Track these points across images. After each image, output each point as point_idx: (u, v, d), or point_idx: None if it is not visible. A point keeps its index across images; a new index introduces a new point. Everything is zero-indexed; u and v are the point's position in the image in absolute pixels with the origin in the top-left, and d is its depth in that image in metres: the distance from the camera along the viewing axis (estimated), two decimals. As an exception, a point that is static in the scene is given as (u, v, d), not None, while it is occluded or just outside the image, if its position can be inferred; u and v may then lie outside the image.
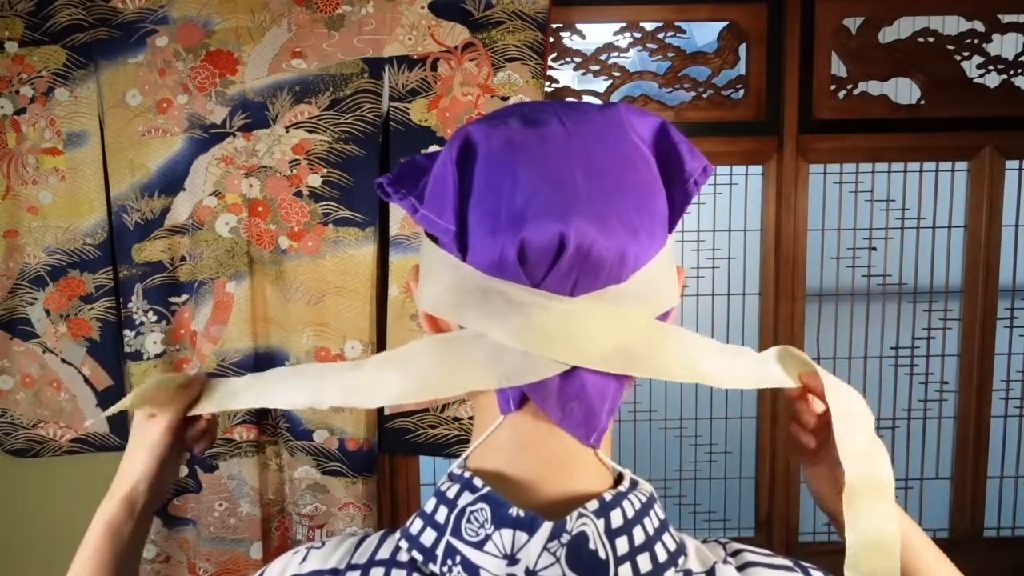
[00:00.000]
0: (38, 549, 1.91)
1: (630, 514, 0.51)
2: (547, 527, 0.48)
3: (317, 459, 1.81)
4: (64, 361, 1.80)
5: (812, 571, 0.54)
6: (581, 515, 0.49)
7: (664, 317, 0.55)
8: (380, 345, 1.82)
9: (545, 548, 0.48)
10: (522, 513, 0.49)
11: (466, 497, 0.51)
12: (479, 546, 0.49)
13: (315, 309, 1.77)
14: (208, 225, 1.76)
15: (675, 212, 0.55)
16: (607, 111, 0.55)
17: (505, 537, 0.48)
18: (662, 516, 0.53)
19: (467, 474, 0.52)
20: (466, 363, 0.53)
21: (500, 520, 0.49)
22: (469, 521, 0.50)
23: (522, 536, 0.48)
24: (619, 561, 0.49)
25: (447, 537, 0.50)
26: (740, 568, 0.52)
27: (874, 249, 1.99)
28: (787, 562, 0.54)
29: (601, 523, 0.50)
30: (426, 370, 0.55)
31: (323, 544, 0.55)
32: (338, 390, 0.61)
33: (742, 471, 2.05)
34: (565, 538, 0.48)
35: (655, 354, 0.54)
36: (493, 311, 0.52)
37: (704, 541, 0.56)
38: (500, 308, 0.52)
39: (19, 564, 1.92)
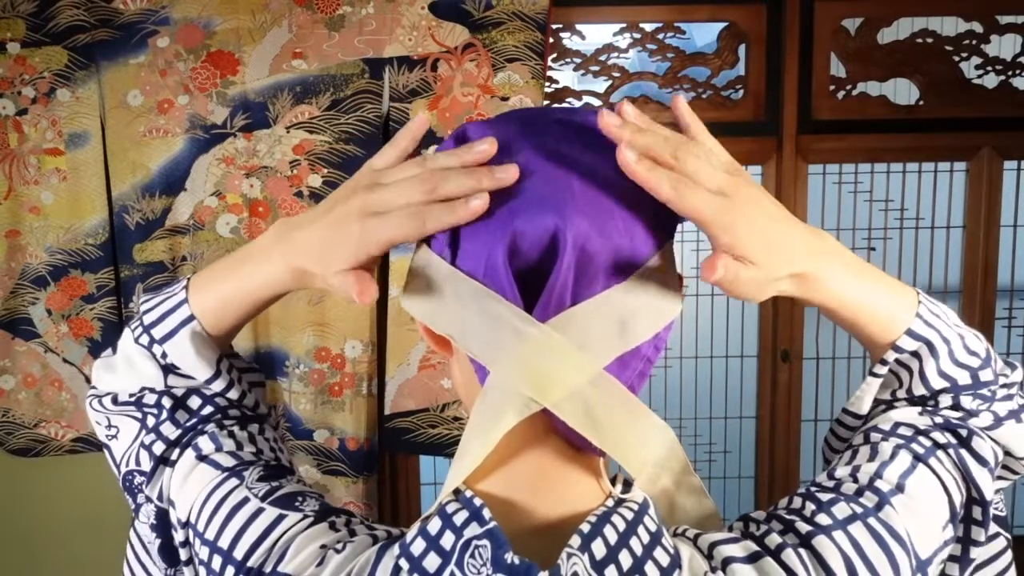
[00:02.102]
0: (39, 549, 1.92)
1: (613, 539, 0.50)
2: None
3: (318, 459, 1.81)
4: (65, 361, 1.81)
5: (773, 544, 0.53)
6: (570, 555, 0.49)
7: (666, 330, 0.55)
8: (380, 345, 1.82)
9: None
10: (517, 560, 0.48)
11: (473, 528, 0.50)
12: None
13: (316, 309, 1.77)
14: (209, 225, 1.77)
15: (673, 216, 0.54)
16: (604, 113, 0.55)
17: None
18: (654, 528, 0.52)
19: (477, 501, 0.51)
20: (498, 411, 0.52)
21: (497, 564, 0.48)
22: (473, 556, 0.49)
23: None
24: None
25: (451, 567, 0.49)
26: (723, 569, 0.51)
27: (873, 249, 2.00)
28: (754, 547, 0.52)
29: (586, 558, 0.49)
30: (466, 448, 0.53)
31: (344, 547, 0.53)
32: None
33: (742, 471, 2.05)
34: None
35: (606, 412, 0.52)
36: (465, 319, 0.51)
37: (675, 534, 0.55)
38: (474, 319, 0.51)
39: (19, 563, 1.93)
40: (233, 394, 0.66)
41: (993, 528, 0.60)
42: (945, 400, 0.61)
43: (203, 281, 0.64)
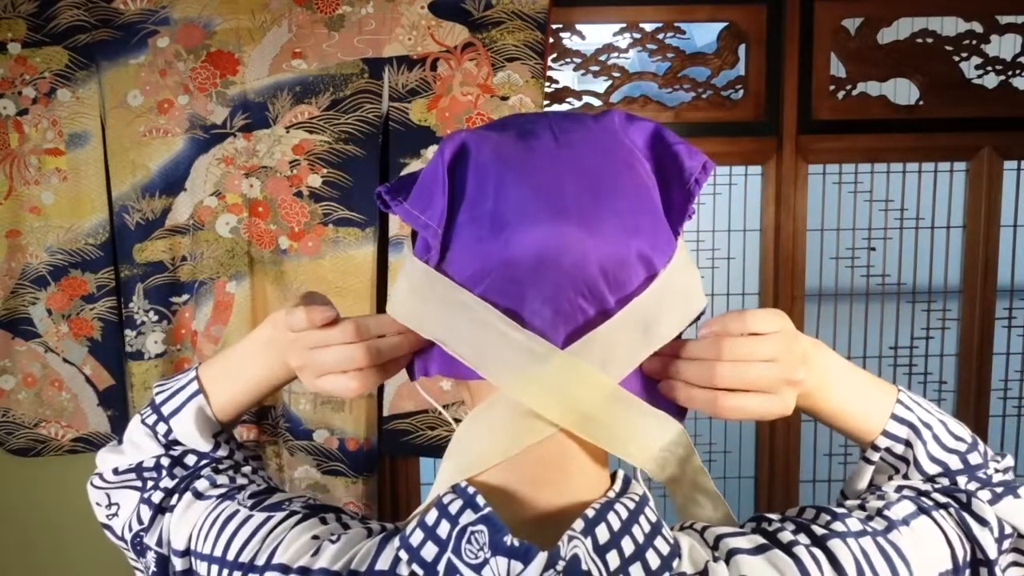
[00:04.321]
0: (39, 549, 1.92)
1: (616, 525, 0.51)
2: (542, 558, 0.48)
3: (317, 459, 1.81)
4: (66, 361, 1.81)
5: (784, 539, 0.54)
6: (571, 538, 0.50)
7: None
8: (380, 345, 1.82)
9: None
10: (516, 542, 0.49)
11: (468, 516, 0.51)
12: (478, 569, 0.49)
13: (315, 309, 1.77)
14: (209, 225, 1.77)
15: (678, 212, 0.55)
16: (601, 119, 0.56)
17: (501, 565, 0.49)
18: (654, 519, 0.53)
19: (471, 490, 0.52)
20: (514, 432, 0.54)
21: (496, 547, 0.49)
22: (469, 542, 0.50)
23: (517, 565, 0.48)
24: None
25: (448, 554, 0.50)
26: (727, 560, 0.52)
27: (873, 249, 2.00)
28: (761, 540, 0.54)
29: (589, 542, 0.50)
30: (468, 447, 0.55)
31: (338, 538, 0.54)
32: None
33: (742, 471, 2.05)
34: (561, 565, 0.48)
35: (612, 426, 0.54)
36: (454, 323, 0.53)
37: (682, 528, 0.56)
38: (463, 324, 0.52)
39: (19, 563, 1.93)
40: (226, 453, 0.70)
41: None
42: (943, 481, 0.64)
43: (213, 374, 0.69)
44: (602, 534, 0.50)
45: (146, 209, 1.75)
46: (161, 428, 0.67)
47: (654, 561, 0.51)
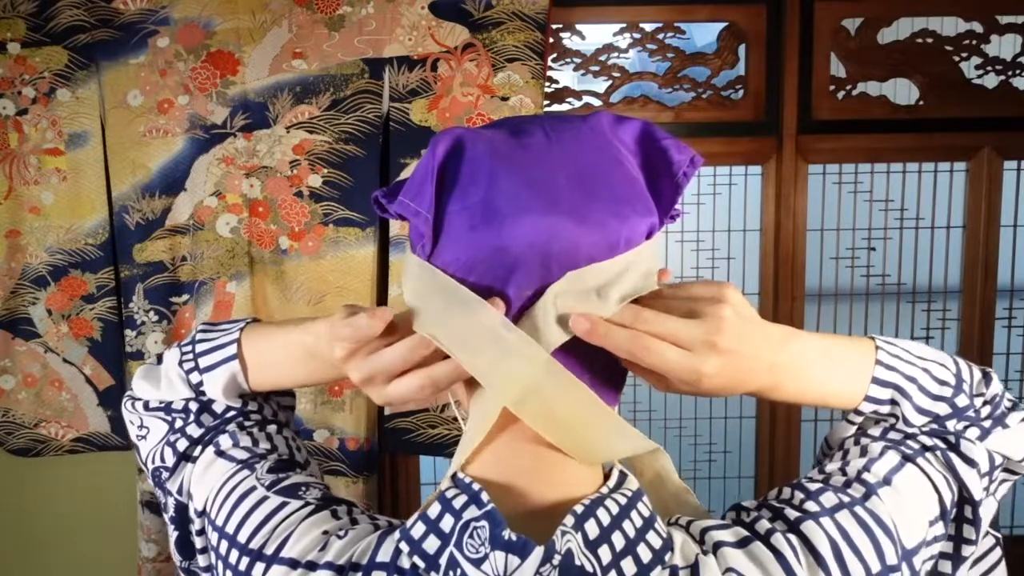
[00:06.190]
0: (39, 549, 1.92)
1: (606, 521, 0.52)
2: (538, 552, 0.49)
3: (318, 459, 1.82)
4: (66, 361, 1.81)
5: (762, 529, 0.55)
6: (564, 532, 0.51)
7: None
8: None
9: (538, 572, 0.49)
10: (514, 537, 0.50)
11: (472, 511, 0.52)
12: (478, 564, 0.50)
13: (315, 309, 1.77)
14: (209, 225, 1.77)
15: (666, 203, 0.56)
16: (589, 119, 0.57)
17: (499, 559, 0.50)
18: (647, 513, 0.54)
19: (476, 486, 0.53)
20: (483, 416, 0.55)
21: (495, 541, 0.50)
22: (472, 536, 0.51)
23: (514, 560, 0.49)
24: (605, 570, 0.50)
25: (451, 548, 0.51)
26: (714, 552, 0.53)
27: (873, 249, 2.00)
28: (744, 533, 0.54)
29: (580, 537, 0.51)
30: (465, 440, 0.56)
31: (345, 533, 0.55)
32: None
33: (742, 471, 2.05)
34: (557, 559, 0.50)
35: (578, 435, 0.54)
36: (447, 321, 0.54)
37: (669, 523, 0.56)
38: (454, 320, 0.53)
39: (19, 563, 1.93)
40: (255, 408, 0.70)
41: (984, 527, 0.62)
42: (931, 426, 0.62)
43: (254, 351, 0.67)
44: (592, 529, 0.51)
45: (146, 209, 1.75)
46: (195, 378, 0.68)
47: (645, 555, 0.51)
